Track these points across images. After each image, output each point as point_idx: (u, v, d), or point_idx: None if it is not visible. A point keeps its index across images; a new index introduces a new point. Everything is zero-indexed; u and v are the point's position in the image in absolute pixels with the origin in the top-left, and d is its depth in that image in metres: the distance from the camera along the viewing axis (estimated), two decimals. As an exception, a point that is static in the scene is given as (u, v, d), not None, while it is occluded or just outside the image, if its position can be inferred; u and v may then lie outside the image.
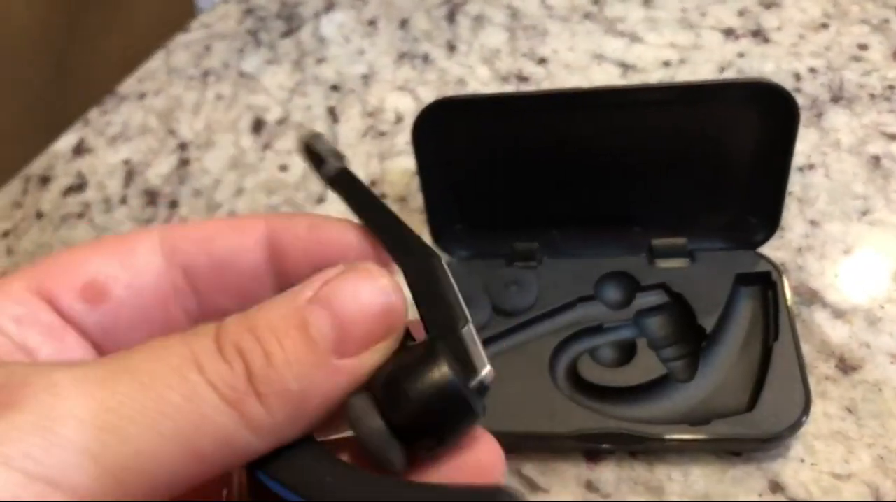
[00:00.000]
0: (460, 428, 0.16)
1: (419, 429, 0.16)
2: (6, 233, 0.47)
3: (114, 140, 0.51)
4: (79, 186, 0.49)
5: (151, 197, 0.47)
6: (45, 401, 0.13)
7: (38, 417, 0.13)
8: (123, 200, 0.47)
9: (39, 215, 0.47)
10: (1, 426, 0.13)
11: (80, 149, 0.51)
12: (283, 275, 0.19)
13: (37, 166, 0.51)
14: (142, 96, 0.54)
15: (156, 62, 0.56)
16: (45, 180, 0.50)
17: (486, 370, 0.16)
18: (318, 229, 0.19)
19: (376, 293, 0.16)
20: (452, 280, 0.18)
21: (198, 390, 0.14)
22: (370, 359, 0.16)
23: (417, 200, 0.42)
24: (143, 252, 0.19)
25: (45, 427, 0.13)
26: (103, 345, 0.19)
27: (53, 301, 0.18)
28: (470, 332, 0.17)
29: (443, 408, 0.16)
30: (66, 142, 0.52)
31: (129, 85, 0.55)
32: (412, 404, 0.15)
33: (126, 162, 0.49)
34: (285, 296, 0.16)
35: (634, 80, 0.47)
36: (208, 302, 0.20)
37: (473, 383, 0.16)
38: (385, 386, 0.16)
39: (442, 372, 0.16)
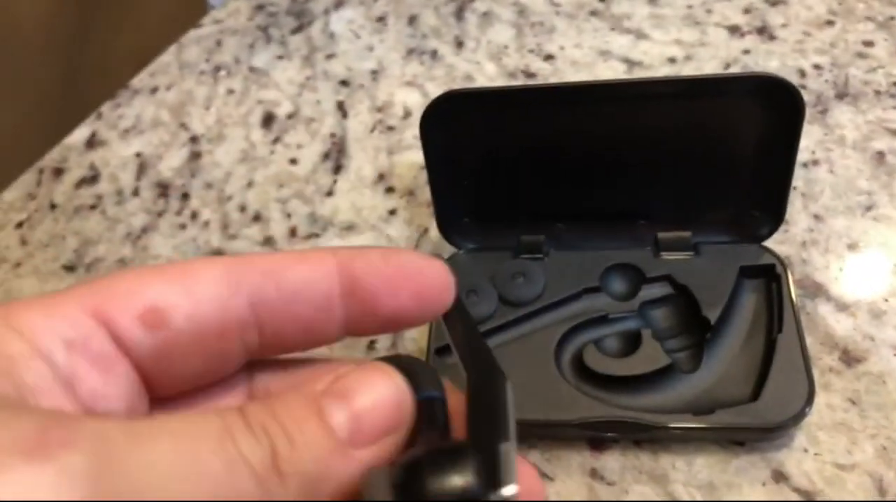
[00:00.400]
0: None
1: None
2: (20, 224, 0.47)
3: (126, 133, 0.52)
4: (92, 178, 0.49)
5: (163, 189, 0.47)
6: (93, 450, 0.13)
7: (90, 465, 0.13)
8: (136, 192, 0.48)
9: (53, 206, 0.48)
10: (48, 475, 0.13)
11: (93, 142, 0.52)
12: (358, 304, 0.19)
13: (50, 158, 0.51)
14: (154, 90, 0.55)
15: (168, 57, 0.57)
16: (58, 172, 0.50)
17: (511, 489, 0.16)
18: (392, 256, 0.19)
19: (391, 388, 0.17)
20: (511, 402, 0.18)
21: (236, 461, 0.15)
22: (380, 449, 0.17)
23: (425, 194, 0.43)
24: (206, 281, 0.18)
25: (90, 474, 0.13)
26: (153, 375, 0.18)
27: (110, 324, 0.17)
28: (509, 450, 0.16)
29: None
30: (79, 134, 0.52)
31: (141, 79, 0.56)
32: (426, 496, 0.15)
33: (138, 154, 0.50)
34: (300, 389, 0.17)
35: (640, 76, 0.47)
36: (272, 334, 0.19)
37: (494, 497, 0.16)
38: (406, 468, 0.16)
39: (466, 476, 0.15)
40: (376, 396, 0.17)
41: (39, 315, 0.17)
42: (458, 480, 0.15)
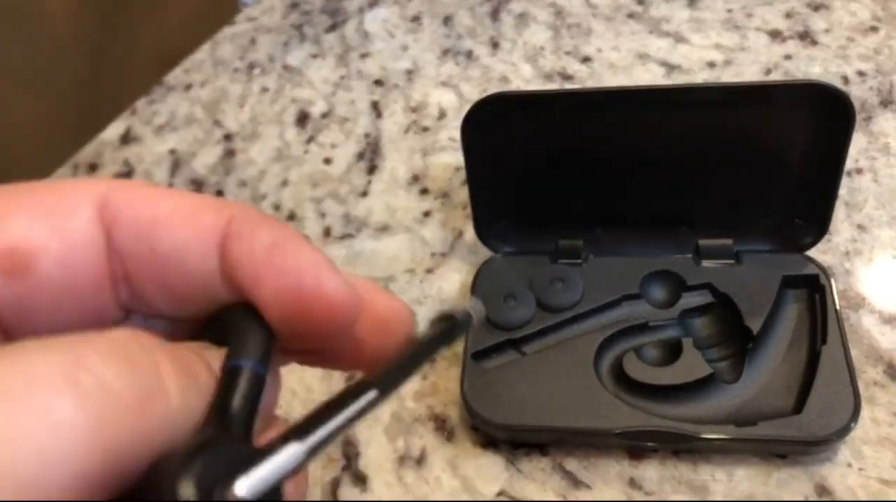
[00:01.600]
0: None
1: None
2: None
3: (160, 129, 0.52)
4: (126, 174, 0.50)
5: (197, 186, 0.48)
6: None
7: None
8: (170, 189, 0.48)
9: (88, 202, 0.48)
10: None
11: (127, 138, 0.52)
12: (235, 288, 0.16)
13: (85, 154, 0.52)
14: (188, 87, 0.55)
15: (202, 54, 0.57)
16: (93, 167, 0.51)
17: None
18: (282, 251, 0.15)
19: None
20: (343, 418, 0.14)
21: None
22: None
23: (460, 196, 0.43)
24: (81, 218, 0.15)
25: None
26: (11, 327, 0.15)
27: None
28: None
29: None
30: (113, 130, 0.53)
31: (175, 76, 0.56)
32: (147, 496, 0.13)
33: (172, 151, 0.50)
34: None
35: (679, 80, 0.46)
36: (143, 299, 0.16)
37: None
38: (154, 475, 0.13)
39: (188, 478, 0.12)
40: None
41: None
42: (184, 484, 0.12)
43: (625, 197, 0.36)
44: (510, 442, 0.33)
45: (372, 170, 0.46)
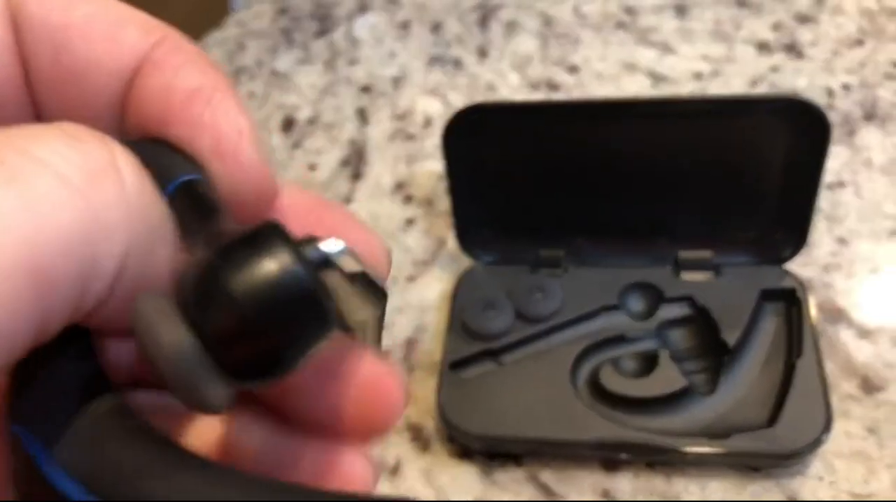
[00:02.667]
0: (304, 342, 0.11)
1: (245, 343, 0.11)
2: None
3: (148, 133, 0.52)
4: (112, 178, 0.50)
5: (182, 191, 0.48)
6: None
7: None
8: (155, 193, 0.48)
9: (73, 205, 0.48)
10: None
11: (114, 142, 0.52)
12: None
13: (72, 156, 0.52)
14: (176, 91, 0.55)
15: (191, 58, 0.57)
16: (79, 170, 0.51)
17: (334, 243, 0.12)
18: (205, 100, 0.14)
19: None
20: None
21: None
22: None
23: (444, 203, 0.43)
24: None
25: None
26: None
27: None
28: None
29: (281, 306, 0.11)
30: (101, 133, 0.53)
31: (164, 79, 0.56)
32: (234, 301, 0.11)
33: (159, 155, 0.50)
34: None
35: (665, 91, 0.47)
36: (40, 113, 0.15)
37: (313, 254, 0.12)
38: (194, 281, 0.11)
39: (277, 255, 0.11)
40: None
41: None
42: (270, 262, 0.11)
43: (605, 207, 0.36)
44: (485, 453, 0.33)
45: (357, 176, 0.46)
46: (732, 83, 0.46)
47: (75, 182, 0.11)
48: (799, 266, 0.36)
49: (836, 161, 0.41)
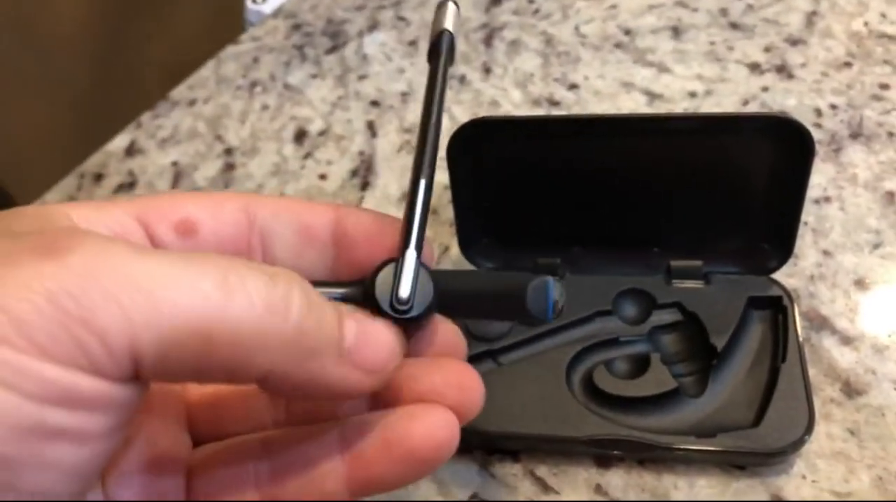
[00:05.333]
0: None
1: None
2: (60, 226, 0.50)
3: (164, 143, 0.54)
4: (129, 184, 0.52)
5: (197, 198, 0.50)
6: (95, 254, 0.15)
7: (85, 264, 0.14)
8: (171, 200, 0.50)
9: (92, 210, 0.50)
10: (51, 267, 0.14)
11: (132, 150, 0.54)
12: (344, 253, 0.23)
13: (91, 164, 0.54)
14: (192, 103, 0.57)
15: (206, 71, 0.59)
16: (98, 177, 0.53)
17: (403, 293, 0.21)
18: (379, 218, 0.24)
19: (394, 336, 0.22)
20: (422, 206, 0.23)
21: (237, 290, 0.17)
22: (368, 380, 0.20)
23: (448, 213, 0.44)
24: (230, 209, 0.22)
25: (88, 273, 0.14)
26: None
27: (149, 227, 0.21)
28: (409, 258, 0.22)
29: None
30: (119, 142, 0.55)
31: (180, 92, 0.58)
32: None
33: (175, 164, 0.52)
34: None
35: (661, 109, 0.49)
36: (275, 261, 0.23)
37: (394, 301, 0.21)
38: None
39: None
40: (385, 339, 0.20)
41: (89, 209, 0.20)
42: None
43: (601, 219, 0.38)
44: (484, 449, 0.34)
45: (365, 186, 0.48)
46: (725, 102, 0.48)
47: (257, 306, 0.16)
48: (785, 276, 0.38)
49: (823, 177, 0.43)
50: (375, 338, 0.20)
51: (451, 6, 0.26)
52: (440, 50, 0.25)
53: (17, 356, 0.13)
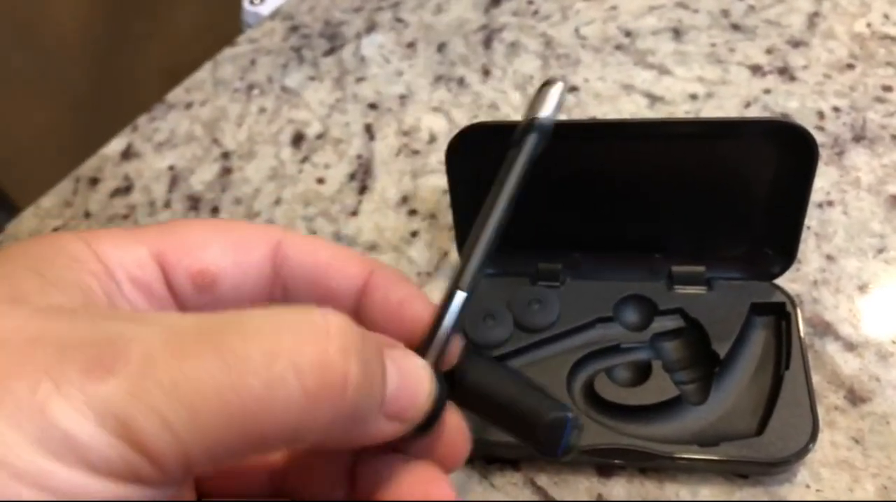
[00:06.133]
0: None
1: None
2: (56, 230, 0.49)
3: (160, 146, 0.54)
4: (126, 189, 0.51)
5: (194, 202, 0.49)
6: (138, 371, 0.14)
7: (130, 383, 0.14)
8: (167, 204, 0.49)
9: (87, 215, 0.50)
10: (98, 388, 0.14)
11: (128, 154, 0.54)
12: (359, 316, 0.21)
13: (87, 168, 0.53)
14: (188, 106, 0.57)
15: (203, 74, 0.59)
16: (94, 181, 0.52)
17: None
18: (408, 305, 0.21)
19: (430, 378, 0.20)
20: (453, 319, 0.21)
21: (279, 380, 0.15)
22: (395, 430, 0.19)
23: (447, 218, 0.44)
24: (257, 256, 0.21)
25: (134, 393, 0.14)
26: None
27: (167, 271, 0.20)
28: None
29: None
30: (115, 146, 0.54)
31: (176, 94, 0.58)
32: None
33: (171, 168, 0.52)
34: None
35: (662, 111, 0.48)
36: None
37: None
38: None
39: None
40: (421, 388, 0.19)
41: (111, 245, 0.19)
42: None
43: (603, 224, 0.38)
44: (484, 457, 0.34)
45: (363, 190, 0.48)
46: (726, 105, 0.48)
47: (310, 390, 0.16)
48: (788, 281, 0.37)
49: (826, 181, 0.42)
50: (414, 384, 0.19)
51: (558, 87, 0.23)
52: (523, 141, 0.23)
53: (69, 472, 0.14)
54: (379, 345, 0.18)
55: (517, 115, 0.50)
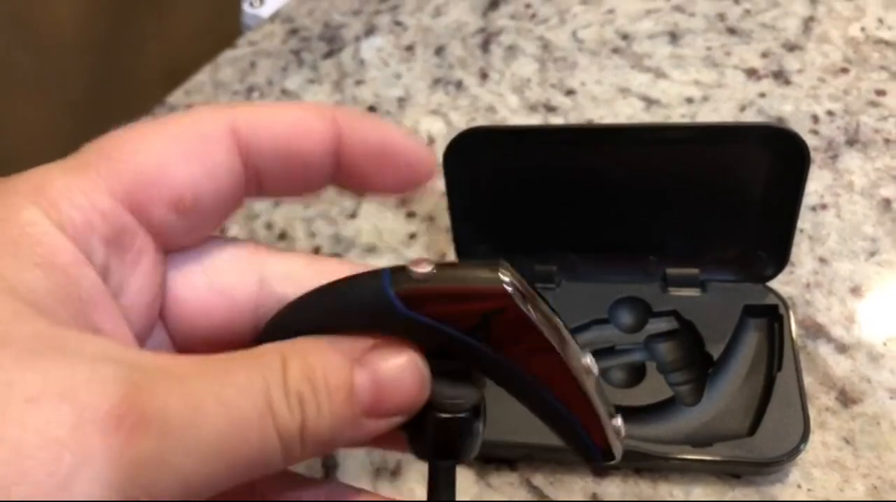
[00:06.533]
0: None
1: None
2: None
3: (161, 148, 0.54)
4: (126, 191, 0.52)
5: (194, 204, 0.50)
6: (161, 434, 0.14)
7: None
8: (168, 206, 0.50)
9: (88, 216, 0.50)
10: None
11: (128, 156, 0.54)
12: (345, 173, 0.21)
13: (88, 170, 0.54)
14: (189, 108, 0.57)
15: (203, 76, 0.59)
16: (95, 183, 0.53)
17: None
18: (389, 143, 0.20)
19: (416, 374, 0.18)
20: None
21: (271, 437, 0.16)
22: (390, 423, 0.18)
23: (445, 220, 0.44)
24: (222, 158, 0.19)
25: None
26: (175, 241, 0.20)
27: (144, 214, 0.18)
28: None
29: None
30: (116, 148, 0.55)
31: (177, 96, 0.58)
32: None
33: (171, 170, 0.52)
34: (338, 347, 0.18)
35: (658, 114, 0.49)
36: (268, 189, 0.21)
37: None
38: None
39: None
40: (404, 379, 0.18)
41: (66, 202, 0.17)
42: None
43: (598, 226, 0.38)
44: (481, 457, 0.34)
45: (362, 193, 0.48)
46: (722, 108, 0.48)
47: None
48: (782, 284, 0.38)
49: (819, 184, 0.43)
50: (396, 386, 0.18)
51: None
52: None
53: None
54: (338, 355, 0.17)
55: (515, 119, 0.50)
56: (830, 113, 0.47)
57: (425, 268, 0.18)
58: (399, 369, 0.18)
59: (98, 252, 0.17)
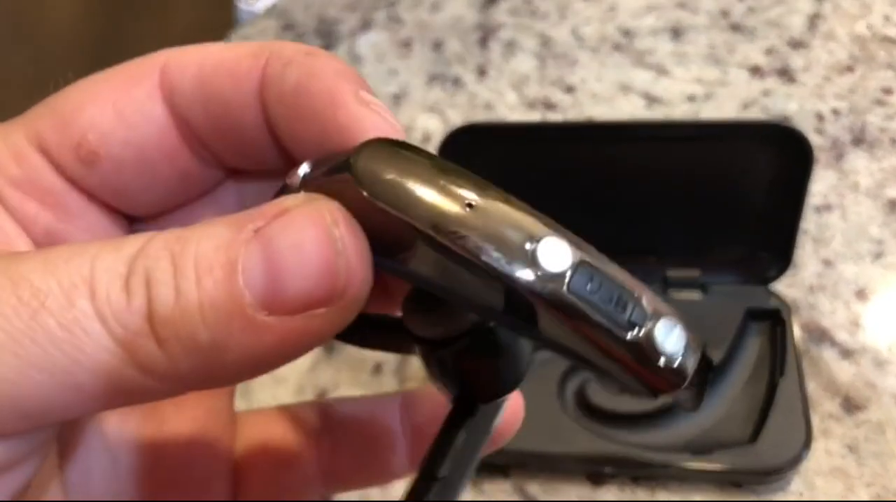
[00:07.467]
0: None
1: None
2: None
3: (153, 144, 0.53)
4: (117, 187, 0.51)
5: (185, 201, 0.49)
6: None
7: None
8: (159, 203, 0.49)
9: (78, 213, 0.49)
10: None
11: (120, 152, 0.53)
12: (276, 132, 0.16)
13: (78, 166, 0.53)
14: (182, 104, 0.56)
15: (197, 71, 0.59)
16: (85, 180, 0.52)
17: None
18: (330, 104, 0.16)
19: (324, 245, 0.13)
20: None
21: (80, 320, 0.12)
22: (306, 323, 0.13)
23: (440, 219, 0.44)
24: (142, 99, 0.16)
25: None
26: (116, 202, 0.17)
27: (53, 159, 0.16)
28: None
29: None
30: (107, 144, 0.54)
31: (170, 92, 0.57)
32: None
33: (163, 166, 0.51)
34: (230, 221, 0.13)
35: (659, 112, 0.48)
36: (215, 155, 0.17)
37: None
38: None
39: None
40: (307, 253, 0.13)
41: None
42: None
43: (596, 226, 0.37)
44: (474, 463, 0.33)
45: (356, 190, 0.47)
46: (725, 106, 0.47)
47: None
48: (785, 286, 0.37)
49: (824, 184, 0.42)
50: (301, 262, 0.13)
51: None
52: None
53: None
54: (221, 223, 0.13)
55: (513, 116, 0.49)
56: (836, 112, 0.46)
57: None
58: (309, 240, 0.13)
59: (6, 190, 0.16)
